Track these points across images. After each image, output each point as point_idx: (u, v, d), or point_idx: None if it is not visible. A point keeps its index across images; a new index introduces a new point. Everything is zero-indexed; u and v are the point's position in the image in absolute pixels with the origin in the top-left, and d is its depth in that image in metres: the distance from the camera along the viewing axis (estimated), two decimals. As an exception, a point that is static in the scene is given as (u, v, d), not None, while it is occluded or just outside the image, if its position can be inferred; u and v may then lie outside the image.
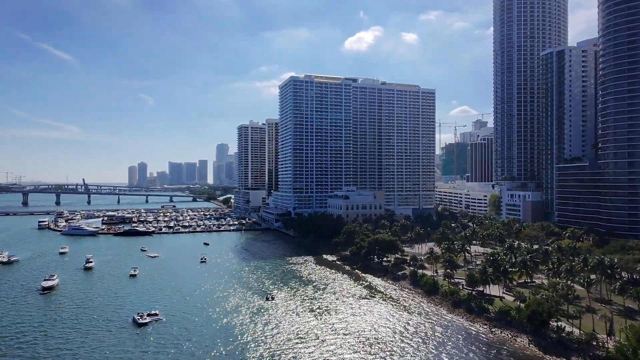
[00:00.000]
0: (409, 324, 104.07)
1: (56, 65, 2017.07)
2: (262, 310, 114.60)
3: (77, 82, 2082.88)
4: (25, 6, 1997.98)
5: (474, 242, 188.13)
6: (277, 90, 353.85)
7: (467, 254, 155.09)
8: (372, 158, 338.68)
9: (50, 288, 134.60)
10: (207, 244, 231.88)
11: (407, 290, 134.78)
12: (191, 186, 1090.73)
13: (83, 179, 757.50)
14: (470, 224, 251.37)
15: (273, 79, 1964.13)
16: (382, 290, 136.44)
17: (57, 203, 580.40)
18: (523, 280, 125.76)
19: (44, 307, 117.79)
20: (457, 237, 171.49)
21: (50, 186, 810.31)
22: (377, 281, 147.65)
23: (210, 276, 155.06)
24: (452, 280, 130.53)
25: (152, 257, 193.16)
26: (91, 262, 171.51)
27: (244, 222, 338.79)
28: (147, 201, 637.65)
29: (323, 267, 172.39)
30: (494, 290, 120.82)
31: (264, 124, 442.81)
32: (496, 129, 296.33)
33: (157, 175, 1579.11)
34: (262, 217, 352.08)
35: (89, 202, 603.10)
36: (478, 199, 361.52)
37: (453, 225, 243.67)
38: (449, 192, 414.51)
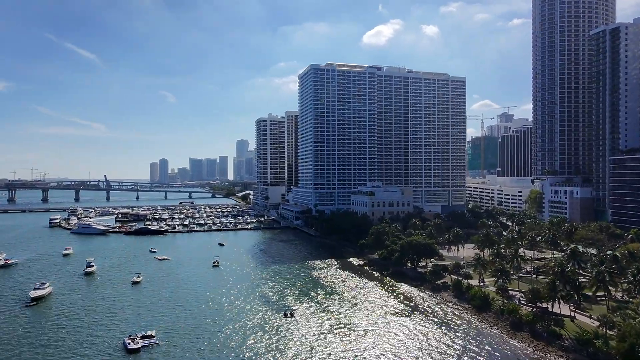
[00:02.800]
0: (461, 352, 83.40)
1: (80, 64, 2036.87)
2: (280, 330, 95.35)
3: (101, 81, 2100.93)
4: (50, 7, 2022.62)
5: (519, 244, 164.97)
6: (296, 86, 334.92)
7: (519, 261, 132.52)
8: (397, 151, 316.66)
9: (40, 299, 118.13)
10: (222, 245, 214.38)
11: (450, 304, 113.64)
12: (211, 182, 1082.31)
13: (105, 176, 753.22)
14: (509, 223, 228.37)
15: (292, 75, 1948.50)
16: (420, 303, 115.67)
17: (77, 200, 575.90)
18: (592, 295, 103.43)
19: (25, 324, 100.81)
20: (503, 240, 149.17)
21: (73, 183, 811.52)
22: (412, 292, 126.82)
23: (221, 284, 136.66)
24: (506, 294, 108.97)
25: (160, 259, 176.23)
26: (92, 266, 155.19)
27: (263, 219, 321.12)
28: (166, 197, 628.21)
29: (349, 272, 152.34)
30: (560, 307, 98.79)
31: (283, 117, 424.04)
32: (536, 118, 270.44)
33: (178, 172, 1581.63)
34: (282, 214, 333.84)
35: (107, 199, 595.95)
36: (512, 195, 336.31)
37: (490, 224, 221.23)
38: (480, 188, 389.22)
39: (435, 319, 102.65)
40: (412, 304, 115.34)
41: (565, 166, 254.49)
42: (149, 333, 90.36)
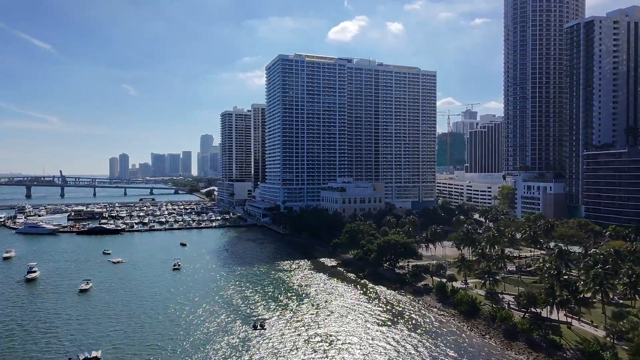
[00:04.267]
0: (454, 368, 74.24)
1: (35, 54, 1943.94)
2: (250, 346, 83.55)
3: (57, 72, 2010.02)
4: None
5: (499, 243, 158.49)
6: (261, 81, 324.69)
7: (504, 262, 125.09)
8: (368, 146, 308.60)
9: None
10: (184, 245, 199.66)
11: (435, 310, 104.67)
12: (174, 178, 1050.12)
13: (60, 171, 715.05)
14: (482, 219, 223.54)
15: (257, 70, 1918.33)
16: (403, 309, 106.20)
17: (28, 196, 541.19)
18: (590, 299, 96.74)
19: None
20: (483, 238, 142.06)
21: (25, 178, 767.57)
22: (393, 296, 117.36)
23: (182, 290, 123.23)
24: (495, 298, 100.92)
25: (115, 262, 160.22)
26: (35, 271, 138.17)
27: (228, 217, 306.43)
28: (125, 194, 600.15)
29: (322, 274, 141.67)
30: (553, 312, 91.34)
31: (249, 111, 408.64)
32: (507, 113, 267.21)
33: (139, 167, 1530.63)
34: (248, 211, 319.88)
35: (62, 195, 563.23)
36: (481, 191, 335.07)
37: (465, 220, 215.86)
38: (449, 184, 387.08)
39: (422, 328, 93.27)
40: (393, 310, 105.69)
41: (536, 162, 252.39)
42: (93, 354, 76.86)
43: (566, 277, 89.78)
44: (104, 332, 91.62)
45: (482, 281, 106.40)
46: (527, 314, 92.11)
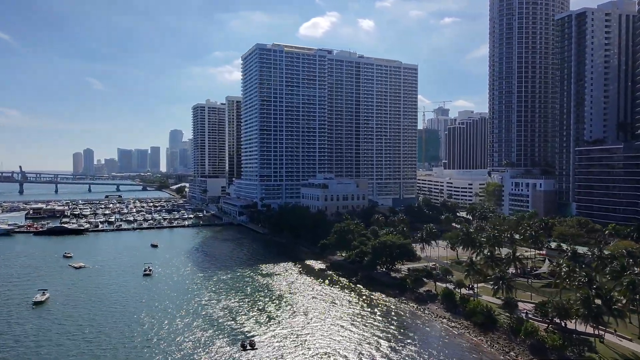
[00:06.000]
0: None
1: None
2: (238, 372, 70.34)
3: (17, 64, 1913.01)
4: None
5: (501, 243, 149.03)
6: (232, 76, 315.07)
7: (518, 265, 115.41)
8: (348, 141, 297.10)
9: None
10: (156, 246, 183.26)
11: (445, 320, 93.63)
12: (142, 174, 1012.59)
13: (20, 166, 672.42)
14: (470, 216, 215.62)
15: (227, 65, 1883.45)
16: (408, 320, 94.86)
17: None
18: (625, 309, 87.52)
19: None
20: (484, 238, 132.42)
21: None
22: (394, 304, 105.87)
23: (154, 301, 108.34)
24: (514, 308, 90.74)
25: (77, 268, 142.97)
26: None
27: (201, 215, 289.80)
28: (90, 190, 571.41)
29: (312, 279, 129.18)
30: (578, 323, 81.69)
31: (223, 104, 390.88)
32: (492, 108, 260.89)
33: (105, 163, 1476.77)
34: (223, 209, 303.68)
35: (21, 192, 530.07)
36: (462, 188, 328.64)
37: (454, 218, 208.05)
38: (428, 181, 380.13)
39: (436, 343, 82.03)
40: (399, 321, 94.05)
41: (521, 158, 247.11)
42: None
43: (603, 289, 79.43)
44: (61, 356, 76.46)
45: (494, 287, 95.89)
46: (549, 326, 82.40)
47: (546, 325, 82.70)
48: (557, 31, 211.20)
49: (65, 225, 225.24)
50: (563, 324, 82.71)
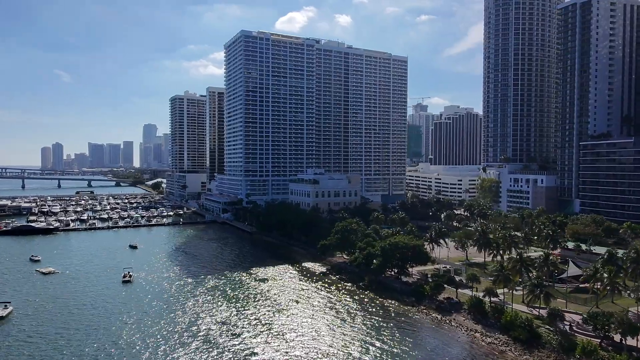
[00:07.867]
0: None
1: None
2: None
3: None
4: None
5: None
6: (207, 70, 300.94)
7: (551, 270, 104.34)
8: (337, 135, 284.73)
9: None
10: (135, 247, 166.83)
11: (478, 335, 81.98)
12: (114, 169, 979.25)
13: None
14: (467, 214, 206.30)
15: (202, 59, 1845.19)
16: (437, 336, 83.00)
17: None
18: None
19: None
20: (499, 237, 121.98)
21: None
22: (414, 314, 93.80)
23: (137, 314, 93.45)
24: (561, 320, 79.81)
25: (45, 273, 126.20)
26: None
27: (182, 212, 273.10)
28: (59, 186, 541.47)
29: (313, 285, 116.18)
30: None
31: (203, 96, 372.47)
32: (487, 101, 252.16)
33: (75, 158, 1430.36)
34: (205, 205, 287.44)
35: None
36: (451, 184, 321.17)
37: (455, 216, 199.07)
38: (416, 177, 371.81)
39: (474, 365, 70.42)
40: (428, 338, 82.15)
41: (517, 152, 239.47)
42: None
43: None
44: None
45: (529, 295, 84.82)
46: (602, 342, 71.86)
47: (599, 340, 72.13)
48: (560, 20, 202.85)
49: (33, 224, 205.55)
50: (611, 337, 72.44)
